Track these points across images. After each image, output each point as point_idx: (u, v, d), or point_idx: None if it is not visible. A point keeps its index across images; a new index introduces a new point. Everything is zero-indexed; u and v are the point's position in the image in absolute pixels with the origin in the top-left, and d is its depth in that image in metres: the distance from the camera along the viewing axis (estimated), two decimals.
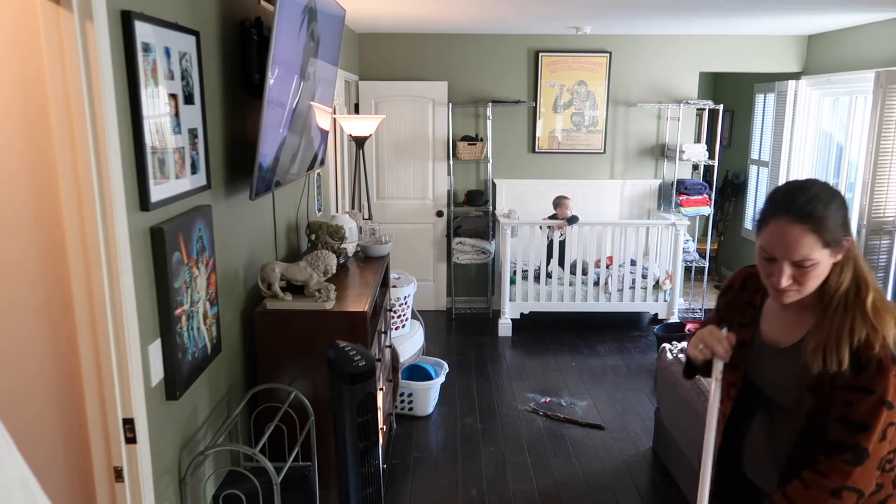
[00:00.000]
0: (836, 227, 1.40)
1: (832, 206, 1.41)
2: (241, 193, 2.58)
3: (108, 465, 1.74)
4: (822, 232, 1.39)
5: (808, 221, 1.39)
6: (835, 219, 1.40)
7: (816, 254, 1.40)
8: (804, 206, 1.40)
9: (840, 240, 1.41)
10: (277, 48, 2.35)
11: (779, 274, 1.43)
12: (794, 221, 1.40)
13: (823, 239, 1.39)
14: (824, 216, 1.39)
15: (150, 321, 1.85)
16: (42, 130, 1.63)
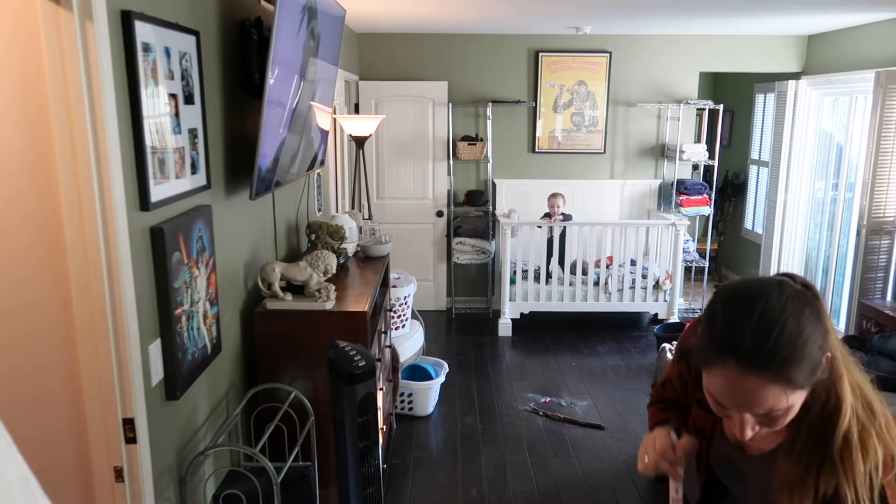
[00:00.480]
0: (808, 364, 1.01)
1: (800, 339, 1.00)
2: (241, 193, 2.58)
3: (108, 465, 1.74)
4: (791, 378, 1.00)
5: (767, 371, 0.99)
6: (805, 354, 1.00)
7: (785, 402, 1.02)
8: (757, 349, 0.99)
9: (817, 369, 1.02)
10: (277, 48, 2.35)
11: (740, 424, 1.06)
12: (747, 371, 1.00)
13: (793, 384, 1.01)
14: (790, 359, 0.99)
15: (150, 321, 1.85)
16: (42, 130, 1.63)
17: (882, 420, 1.05)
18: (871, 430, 1.04)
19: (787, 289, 1.04)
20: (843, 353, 1.08)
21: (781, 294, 1.02)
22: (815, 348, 1.01)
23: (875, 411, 1.06)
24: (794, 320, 1.00)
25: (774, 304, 1.01)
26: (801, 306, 1.01)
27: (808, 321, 1.01)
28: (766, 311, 1.00)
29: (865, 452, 1.03)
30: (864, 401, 1.07)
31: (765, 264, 6.30)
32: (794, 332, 0.99)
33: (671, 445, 1.27)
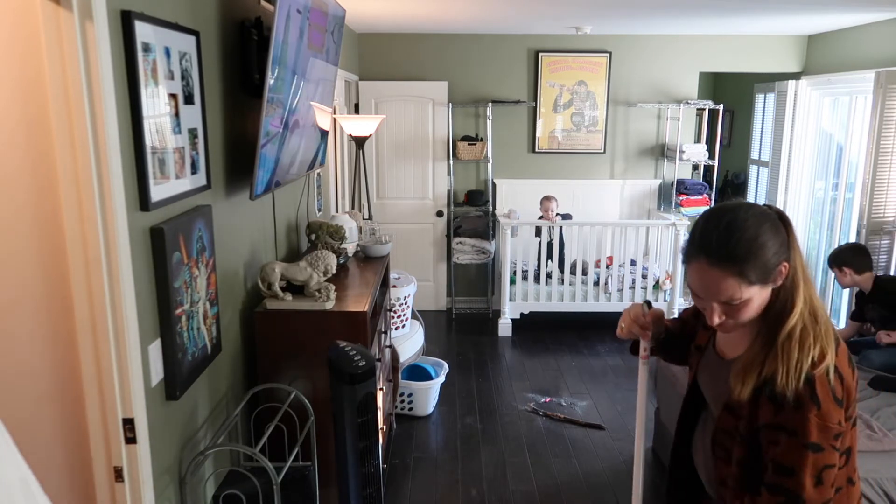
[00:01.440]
0: (761, 264, 1.28)
1: (755, 242, 1.28)
2: (241, 193, 2.58)
3: (108, 465, 1.74)
4: (745, 273, 1.28)
5: (726, 265, 1.28)
6: (759, 255, 1.27)
7: (743, 293, 1.29)
8: (720, 247, 1.28)
9: (771, 271, 1.29)
10: (277, 48, 2.35)
11: (710, 312, 1.35)
12: (712, 265, 1.29)
13: (748, 279, 1.28)
14: (744, 257, 1.27)
15: (150, 321, 1.85)
16: (42, 130, 1.63)
17: (822, 326, 1.31)
18: (811, 331, 1.30)
19: (754, 208, 1.32)
20: (804, 270, 1.33)
21: (747, 211, 1.31)
22: (768, 254, 1.28)
23: (818, 318, 1.32)
24: (752, 230, 1.28)
25: (740, 216, 1.30)
26: (762, 221, 1.30)
27: (764, 232, 1.28)
28: (732, 221, 1.30)
29: (802, 346, 1.28)
30: (811, 308, 1.32)
31: None
32: (750, 237, 1.28)
33: (643, 313, 1.66)
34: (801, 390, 1.25)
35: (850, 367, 1.32)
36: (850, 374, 1.31)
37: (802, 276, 1.32)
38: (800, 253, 1.33)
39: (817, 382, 1.26)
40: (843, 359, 1.31)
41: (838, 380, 1.27)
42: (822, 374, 1.26)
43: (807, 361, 1.27)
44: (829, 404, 1.25)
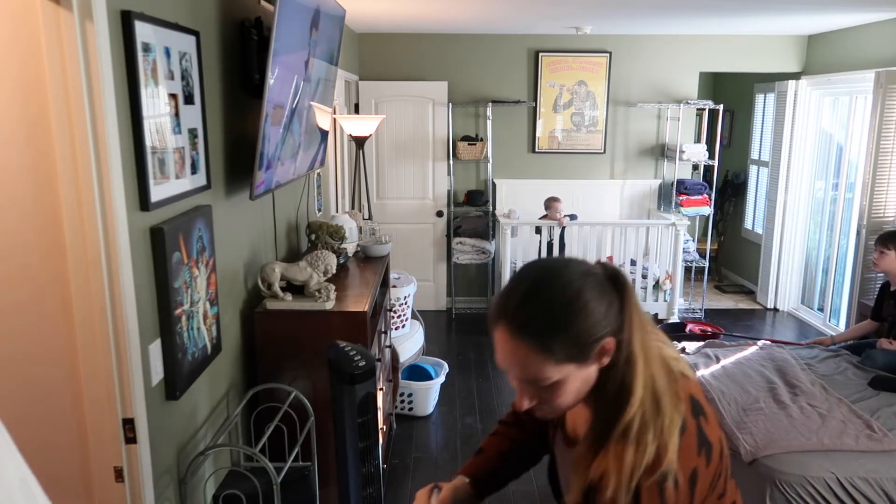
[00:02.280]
0: (573, 338, 1.02)
1: (565, 310, 1.02)
2: (241, 193, 2.58)
3: (108, 465, 1.74)
4: (549, 348, 1.02)
5: (527, 336, 1.03)
6: (569, 327, 1.02)
7: (550, 372, 1.04)
8: (521, 313, 1.04)
9: (588, 347, 1.03)
10: (277, 48, 2.34)
11: (517, 393, 1.10)
12: (513, 335, 1.04)
13: (554, 356, 1.02)
14: (549, 328, 1.02)
15: (150, 321, 1.85)
16: (42, 130, 1.63)
17: (666, 420, 1.04)
18: (651, 426, 1.03)
19: (575, 266, 1.07)
20: (644, 345, 1.06)
21: (564, 270, 1.06)
22: (583, 325, 1.02)
23: (662, 410, 1.04)
24: (562, 298, 1.03)
25: (552, 276, 1.05)
26: (581, 284, 1.04)
27: (581, 297, 1.03)
28: (540, 282, 1.05)
29: (637, 446, 1.03)
30: (653, 393, 1.05)
31: (765, 264, 6.30)
32: (560, 304, 1.03)
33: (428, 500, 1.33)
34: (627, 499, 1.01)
35: (699, 456, 1.05)
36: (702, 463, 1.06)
37: (643, 353, 1.05)
38: (641, 323, 1.07)
39: (644, 495, 1.01)
40: (687, 454, 1.04)
41: (673, 488, 1.01)
42: (652, 485, 1.01)
43: (640, 468, 1.01)
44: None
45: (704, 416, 1.10)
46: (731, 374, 3.38)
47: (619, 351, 1.05)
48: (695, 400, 1.11)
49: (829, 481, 2.55)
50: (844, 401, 3.07)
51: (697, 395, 1.13)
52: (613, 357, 1.05)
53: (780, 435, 2.76)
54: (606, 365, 1.06)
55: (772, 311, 6.24)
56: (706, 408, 1.12)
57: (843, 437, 2.75)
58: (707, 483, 1.08)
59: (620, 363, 1.05)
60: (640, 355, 1.05)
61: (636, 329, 1.06)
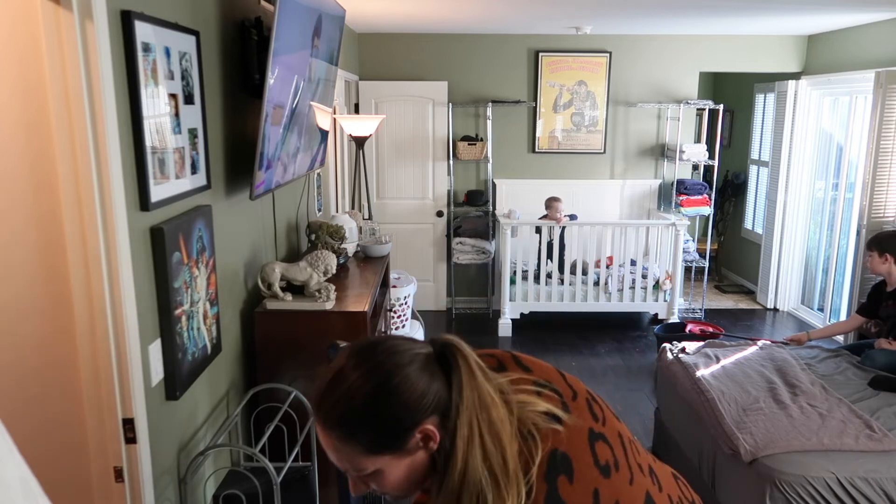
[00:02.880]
0: (373, 434, 0.98)
1: (358, 411, 0.97)
2: (241, 193, 2.58)
3: (107, 465, 1.74)
4: (352, 442, 0.98)
5: (329, 428, 1.00)
6: (365, 425, 0.97)
7: (365, 463, 1.00)
8: (323, 406, 1.00)
9: (399, 437, 0.98)
10: (277, 48, 2.34)
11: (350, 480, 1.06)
12: (321, 425, 1.01)
13: (362, 449, 0.99)
14: (343, 424, 0.99)
15: (150, 321, 1.85)
16: (42, 130, 1.63)
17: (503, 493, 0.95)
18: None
19: (387, 353, 1.00)
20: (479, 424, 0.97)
21: (370, 357, 1.00)
22: (386, 417, 0.97)
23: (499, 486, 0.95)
24: (365, 386, 0.97)
25: (354, 364, 0.99)
26: (388, 373, 0.97)
27: (387, 388, 0.97)
28: (343, 371, 1.00)
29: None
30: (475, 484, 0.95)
31: (765, 264, 6.30)
32: (360, 396, 0.97)
33: None
34: None
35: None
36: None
37: (467, 441, 0.96)
38: (476, 406, 0.97)
39: None
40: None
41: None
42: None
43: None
44: None
45: (570, 474, 1.00)
46: (731, 374, 3.37)
47: (445, 433, 0.98)
48: (555, 458, 1.00)
49: (829, 481, 2.55)
50: (844, 401, 3.07)
51: (568, 447, 1.02)
52: (441, 441, 0.98)
53: (779, 435, 2.76)
54: (437, 448, 0.99)
55: (772, 311, 6.24)
56: (577, 461, 1.02)
57: (843, 437, 2.75)
58: None
59: (445, 447, 0.97)
60: (462, 439, 0.96)
61: (465, 412, 0.97)
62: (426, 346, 1.02)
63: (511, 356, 1.15)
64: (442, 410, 0.97)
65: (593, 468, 1.03)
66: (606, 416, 1.13)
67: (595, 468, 1.03)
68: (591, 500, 1.01)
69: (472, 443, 0.96)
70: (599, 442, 1.06)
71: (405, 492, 1.05)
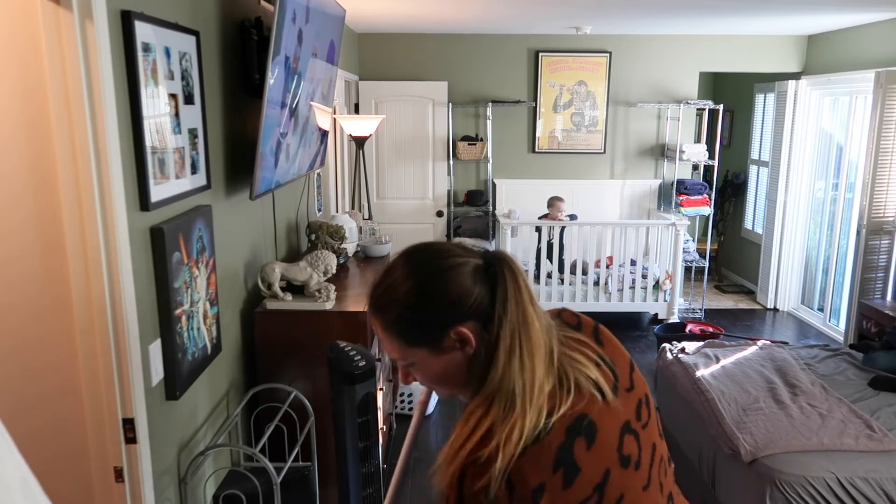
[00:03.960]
0: (412, 325, 1.04)
1: (401, 300, 1.04)
2: (241, 193, 2.58)
3: (108, 465, 1.74)
4: (394, 330, 1.06)
5: (376, 314, 1.07)
6: (405, 315, 1.04)
7: (404, 354, 1.07)
8: (373, 294, 1.08)
9: (436, 335, 1.03)
10: (277, 48, 2.35)
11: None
12: (370, 312, 1.09)
13: (400, 339, 1.06)
14: (388, 311, 1.06)
15: (150, 321, 1.85)
16: (42, 130, 1.63)
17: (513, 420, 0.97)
18: (489, 419, 0.99)
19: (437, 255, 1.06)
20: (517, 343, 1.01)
21: (420, 258, 1.07)
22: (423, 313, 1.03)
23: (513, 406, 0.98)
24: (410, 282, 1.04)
25: (405, 261, 1.07)
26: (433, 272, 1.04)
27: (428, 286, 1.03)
28: (393, 266, 1.07)
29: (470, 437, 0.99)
30: (508, 392, 0.99)
31: (765, 264, 6.30)
32: (403, 290, 1.04)
33: None
34: (451, 491, 0.98)
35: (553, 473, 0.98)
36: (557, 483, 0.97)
37: (507, 352, 1.00)
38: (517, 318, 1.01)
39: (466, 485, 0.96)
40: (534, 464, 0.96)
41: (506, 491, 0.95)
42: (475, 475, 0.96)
43: (462, 454, 0.97)
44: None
45: (590, 441, 1.01)
46: (731, 374, 3.38)
47: (482, 341, 1.02)
48: (582, 421, 1.01)
49: (829, 481, 2.55)
50: (844, 401, 3.07)
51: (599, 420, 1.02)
52: (478, 346, 1.03)
53: (779, 435, 2.76)
54: (473, 354, 1.03)
55: (772, 311, 6.24)
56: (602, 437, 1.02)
57: (843, 437, 2.75)
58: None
59: (482, 354, 1.02)
60: (503, 348, 1.00)
61: (507, 323, 1.01)
62: (477, 257, 1.06)
63: (593, 325, 1.18)
64: (482, 318, 1.02)
65: (614, 451, 1.04)
66: (650, 424, 1.13)
67: (616, 453, 1.04)
68: (600, 476, 1.01)
69: (513, 353, 1.00)
70: (630, 436, 1.07)
71: (443, 389, 1.12)
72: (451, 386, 1.10)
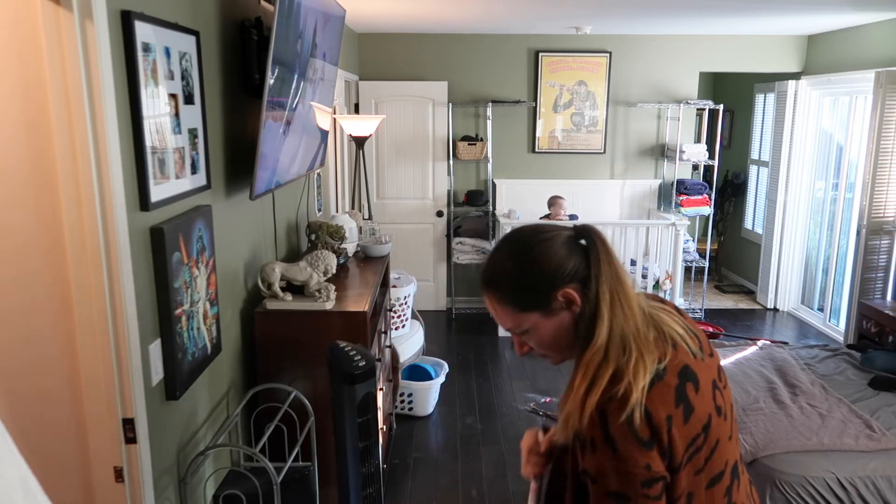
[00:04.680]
0: (521, 289, 1.19)
1: (509, 271, 1.20)
2: (241, 193, 2.59)
3: (108, 465, 1.74)
4: (507, 300, 1.21)
5: (489, 292, 1.24)
6: (515, 280, 1.20)
7: (519, 320, 1.22)
8: (484, 274, 1.25)
9: (541, 297, 1.18)
10: (277, 48, 2.35)
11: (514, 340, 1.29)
12: (484, 289, 1.26)
13: (515, 306, 1.21)
14: (499, 285, 1.22)
15: (150, 321, 1.85)
16: (42, 130, 1.63)
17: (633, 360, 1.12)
18: (613, 365, 1.12)
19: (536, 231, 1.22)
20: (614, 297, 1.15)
21: (522, 234, 1.24)
22: (529, 279, 1.18)
23: (629, 352, 1.13)
24: (517, 255, 1.20)
25: (510, 240, 1.25)
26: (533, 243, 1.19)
27: (531, 255, 1.18)
28: (499, 246, 1.26)
29: (595, 381, 1.12)
30: (621, 340, 1.14)
31: (765, 264, 6.30)
32: (512, 262, 1.21)
33: (536, 441, 1.43)
34: (594, 431, 1.10)
35: (675, 408, 1.12)
36: (679, 416, 1.11)
37: (609, 304, 1.15)
38: (611, 277, 1.17)
39: (610, 421, 1.09)
40: (661, 398, 1.11)
41: (645, 421, 1.08)
42: (615, 411, 1.09)
43: (594, 398, 1.10)
44: (630, 447, 1.08)
45: (696, 386, 1.15)
46: (731, 374, 3.38)
47: (586, 300, 1.16)
48: (688, 371, 1.15)
49: (828, 481, 2.55)
50: (844, 401, 3.07)
51: (698, 371, 1.17)
52: (582, 306, 1.17)
53: (779, 435, 2.76)
54: (579, 313, 1.17)
55: (772, 311, 6.24)
56: (702, 385, 1.16)
57: (842, 436, 2.75)
58: (683, 441, 1.12)
59: (586, 312, 1.16)
60: (607, 306, 1.15)
61: (604, 280, 1.15)
62: (567, 230, 1.22)
63: (674, 304, 1.32)
64: (581, 280, 1.16)
65: (711, 400, 1.18)
66: (727, 387, 1.27)
67: (713, 402, 1.18)
68: (706, 419, 1.15)
69: (615, 304, 1.15)
70: (718, 391, 1.21)
71: (555, 353, 1.26)
72: (562, 348, 1.23)
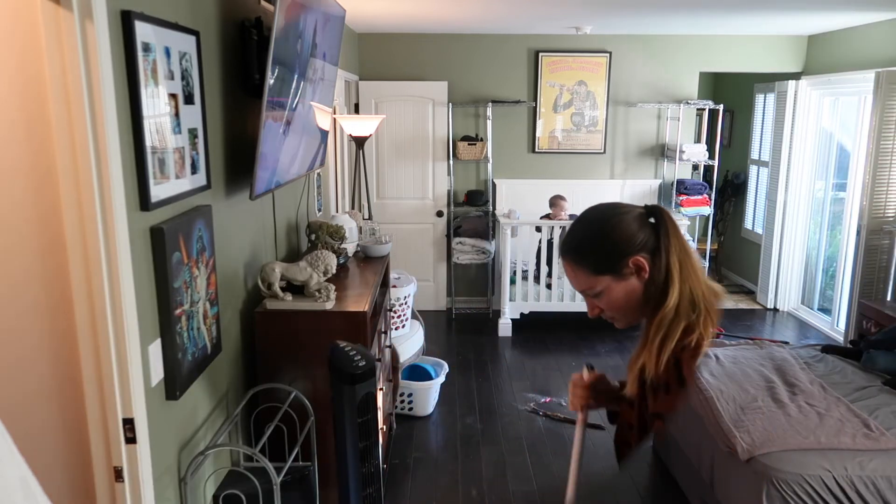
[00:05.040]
0: (599, 255, 1.35)
1: (587, 238, 1.37)
2: (241, 193, 2.59)
3: (108, 465, 1.74)
4: (583, 263, 1.37)
5: (567, 256, 1.39)
6: (593, 247, 1.36)
7: (594, 283, 1.36)
8: (564, 241, 1.43)
9: (615, 263, 1.34)
10: (277, 48, 2.35)
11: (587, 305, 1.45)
12: (563, 256, 1.41)
13: (589, 269, 1.36)
14: (578, 249, 1.38)
15: (150, 321, 1.85)
16: (42, 130, 1.63)
17: (702, 315, 1.32)
18: (684, 320, 1.31)
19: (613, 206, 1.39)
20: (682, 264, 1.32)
21: (600, 208, 1.40)
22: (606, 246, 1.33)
23: (697, 307, 1.32)
24: (594, 224, 1.38)
25: (589, 213, 1.41)
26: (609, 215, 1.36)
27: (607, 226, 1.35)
28: (580, 218, 1.42)
29: (668, 334, 1.31)
30: (690, 300, 1.32)
31: (765, 264, 6.30)
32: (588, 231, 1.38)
33: (581, 377, 1.62)
34: (669, 376, 1.32)
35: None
36: None
37: (678, 271, 1.32)
38: (679, 248, 1.33)
39: (684, 365, 1.32)
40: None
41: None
42: (689, 358, 1.32)
43: (669, 348, 1.31)
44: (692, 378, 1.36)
45: None
46: (730, 373, 3.38)
47: (655, 267, 1.32)
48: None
49: (825, 480, 2.55)
50: (843, 400, 3.07)
51: None
52: (651, 272, 1.32)
53: (777, 433, 2.76)
54: (648, 279, 1.33)
55: (772, 311, 6.24)
56: None
57: (840, 435, 2.75)
58: None
59: (657, 278, 1.32)
60: (676, 272, 1.31)
61: (673, 252, 1.32)
62: (640, 208, 1.38)
63: None
64: (651, 251, 1.32)
65: None
66: None
67: None
68: None
69: (685, 272, 1.32)
70: None
71: (623, 315, 1.40)
72: (632, 311, 1.38)
